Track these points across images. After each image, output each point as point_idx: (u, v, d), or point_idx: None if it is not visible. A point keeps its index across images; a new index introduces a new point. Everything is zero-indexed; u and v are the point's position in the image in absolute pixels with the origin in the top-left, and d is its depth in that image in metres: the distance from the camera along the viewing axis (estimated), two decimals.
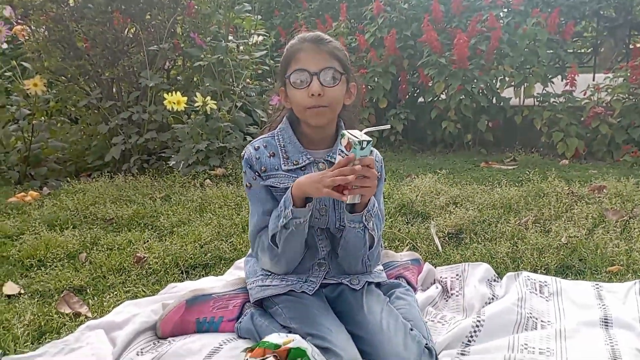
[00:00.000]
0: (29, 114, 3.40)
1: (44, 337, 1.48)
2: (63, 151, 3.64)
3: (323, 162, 1.39)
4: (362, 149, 1.18)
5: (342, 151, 1.21)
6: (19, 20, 3.65)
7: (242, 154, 1.44)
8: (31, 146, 3.37)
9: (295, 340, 1.09)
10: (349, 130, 1.23)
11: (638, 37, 4.19)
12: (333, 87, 1.32)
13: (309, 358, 1.07)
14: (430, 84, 3.92)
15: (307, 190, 1.27)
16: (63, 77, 3.58)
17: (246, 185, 1.43)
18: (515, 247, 1.91)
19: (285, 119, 1.43)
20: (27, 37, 3.54)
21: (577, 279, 1.68)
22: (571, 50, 4.43)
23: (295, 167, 1.38)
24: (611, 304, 1.46)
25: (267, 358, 1.04)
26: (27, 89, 3.26)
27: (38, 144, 3.44)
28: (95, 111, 3.59)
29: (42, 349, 1.38)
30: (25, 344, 1.43)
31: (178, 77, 3.79)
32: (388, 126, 1.42)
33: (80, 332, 1.44)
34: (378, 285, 1.50)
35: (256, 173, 1.39)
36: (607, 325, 1.36)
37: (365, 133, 1.22)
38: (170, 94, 3.11)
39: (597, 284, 1.59)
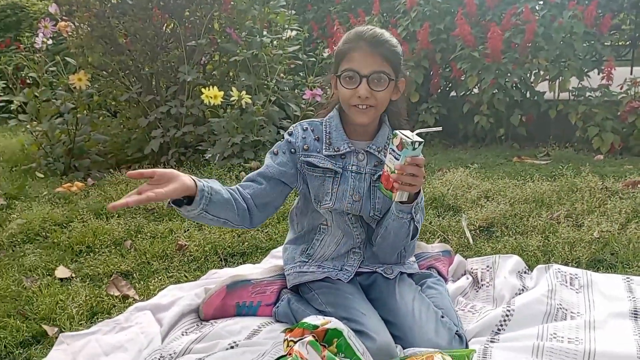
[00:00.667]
0: (73, 107, 3.56)
1: (95, 316, 1.60)
2: (104, 144, 3.79)
3: (362, 153, 1.44)
4: (414, 149, 1.22)
5: (394, 150, 1.25)
6: (63, 17, 3.80)
7: (289, 131, 1.48)
8: (75, 139, 3.53)
9: (333, 322, 1.16)
10: (401, 131, 1.26)
11: None
12: (381, 90, 1.35)
13: (345, 339, 1.14)
14: (462, 78, 3.91)
15: None
16: (105, 72, 3.72)
17: (273, 152, 1.46)
18: (546, 241, 1.93)
19: (335, 109, 1.48)
20: (70, 33, 3.70)
21: (608, 273, 1.70)
22: (608, 43, 4.35)
23: (335, 153, 1.43)
24: None
25: (305, 338, 1.11)
26: (72, 84, 3.41)
27: (81, 137, 3.59)
28: (135, 105, 3.72)
29: (95, 327, 1.48)
30: (79, 323, 1.55)
31: (214, 72, 3.89)
32: (439, 128, 1.45)
33: (130, 312, 1.54)
34: (410, 275, 1.56)
35: (293, 149, 1.43)
36: (636, 317, 1.38)
37: (417, 134, 1.25)
38: (207, 88, 3.21)
39: (628, 277, 1.61)
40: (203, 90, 3.23)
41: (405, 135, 1.24)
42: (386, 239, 1.42)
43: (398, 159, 1.24)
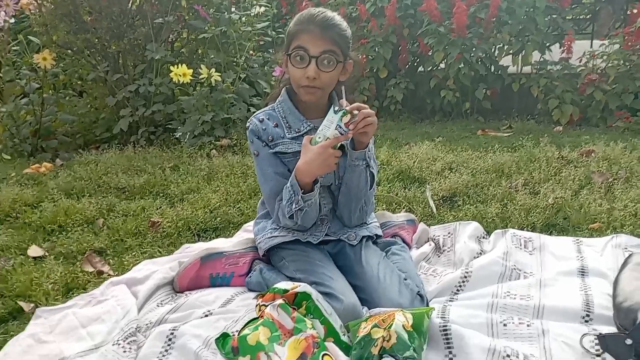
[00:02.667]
0: (38, 87, 3.50)
1: (71, 292, 1.63)
2: (72, 124, 3.75)
3: None
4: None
5: (341, 127, 1.35)
6: None
7: (247, 125, 1.55)
8: (41, 119, 3.48)
9: (302, 286, 1.23)
10: (340, 103, 1.39)
11: (636, 4, 4.21)
12: (329, 72, 1.42)
13: (313, 301, 1.21)
14: (429, 53, 3.99)
15: (316, 173, 1.40)
16: (70, 51, 3.66)
17: (254, 154, 1.55)
18: (504, 208, 2.03)
19: (283, 92, 1.55)
20: (33, 11, 3.61)
21: (560, 236, 1.81)
22: (570, 17, 4.46)
23: (297, 134, 1.51)
24: (589, 256, 1.59)
25: (276, 301, 1.18)
26: (36, 63, 3.35)
27: (48, 117, 3.55)
28: (102, 84, 3.68)
29: (71, 301, 1.53)
30: (55, 298, 1.58)
31: (182, 50, 3.87)
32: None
33: (105, 286, 1.58)
34: (375, 243, 1.64)
35: (264, 142, 1.52)
36: (583, 275, 1.49)
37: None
38: (176, 66, 3.20)
39: (578, 239, 1.72)
40: (172, 68, 3.22)
41: (348, 110, 1.36)
42: (348, 194, 1.51)
43: (343, 134, 1.36)
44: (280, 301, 1.17)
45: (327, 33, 1.40)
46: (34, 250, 1.94)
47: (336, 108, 1.36)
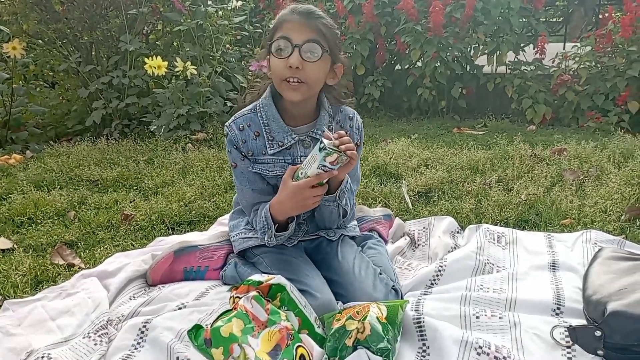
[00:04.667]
0: (8, 78, 3.41)
1: (40, 285, 1.59)
2: (43, 116, 3.67)
3: (307, 140, 1.43)
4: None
5: (325, 166, 1.24)
6: None
7: (225, 132, 1.44)
8: (11, 111, 3.39)
9: (276, 278, 1.22)
10: (325, 136, 1.25)
11: (607, 7, 4.32)
12: (313, 62, 1.32)
13: (288, 293, 1.20)
14: (406, 51, 4.02)
15: (290, 214, 1.36)
16: (41, 41, 3.58)
17: (231, 165, 1.46)
18: (479, 204, 2.06)
19: (268, 92, 1.44)
20: (2, 0, 3.51)
21: (532, 231, 1.85)
22: (543, 19, 4.55)
23: (281, 148, 1.41)
24: (560, 251, 1.62)
25: (250, 293, 1.17)
26: (6, 53, 3.26)
27: (18, 109, 3.46)
28: (74, 75, 3.60)
29: (40, 293, 1.48)
30: (24, 291, 1.54)
31: (157, 42, 3.81)
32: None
33: (76, 279, 1.55)
34: (352, 237, 1.64)
35: (242, 155, 1.42)
36: (554, 269, 1.52)
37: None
38: (150, 58, 3.15)
39: (549, 234, 1.75)
40: (146, 60, 3.17)
41: (335, 149, 1.23)
42: (320, 219, 1.49)
43: (327, 172, 1.26)
44: (254, 293, 1.16)
45: (311, 21, 1.32)
46: (2, 243, 1.88)
47: (321, 145, 1.23)
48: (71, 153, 2.88)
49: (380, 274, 1.46)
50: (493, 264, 1.58)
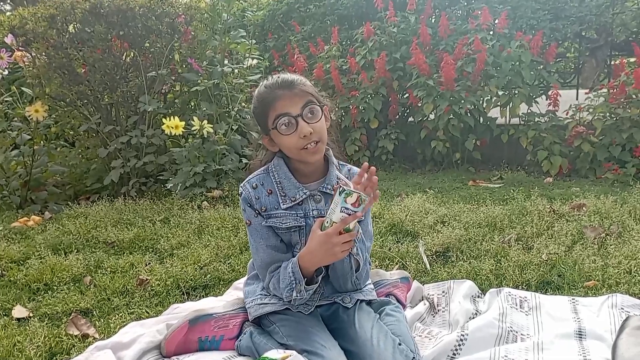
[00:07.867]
0: (29, 139, 3.50)
1: (54, 358, 1.57)
2: (62, 175, 3.74)
3: (318, 195, 1.47)
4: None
5: (348, 209, 1.26)
6: (19, 47, 3.76)
7: (240, 192, 1.49)
8: (32, 171, 3.46)
9: (293, 356, 1.19)
10: (342, 182, 1.31)
11: (618, 57, 4.35)
12: (317, 122, 1.39)
13: None
14: (419, 105, 4.06)
15: (320, 264, 1.38)
16: (62, 102, 3.69)
17: (246, 223, 1.50)
18: (498, 265, 2.02)
19: (277, 157, 1.50)
20: (27, 64, 3.65)
21: (556, 294, 1.79)
22: (554, 71, 4.59)
23: (293, 203, 1.45)
24: (585, 317, 1.57)
25: None
26: (28, 115, 3.36)
27: (38, 169, 3.53)
28: (94, 135, 3.69)
29: None
30: None
31: (175, 101, 3.91)
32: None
33: (90, 352, 1.52)
34: (369, 303, 1.60)
35: (256, 211, 1.47)
36: (580, 337, 1.47)
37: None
38: (168, 118, 3.22)
39: (573, 299, 1.70)
40: (164, 120, 3.24)
41: (355, 191, 1.27)
42: (334, 273, 1.48)
43: (351, 214, 1.27)
44: None
45: (296, 89, 1.39)
46: (19, 311, 1.88)
47: (340, 189, 1.27)
48: (89, 214, 2.91)
49: (400, 344, 1.42)
50: (517, 332, 1.52)
